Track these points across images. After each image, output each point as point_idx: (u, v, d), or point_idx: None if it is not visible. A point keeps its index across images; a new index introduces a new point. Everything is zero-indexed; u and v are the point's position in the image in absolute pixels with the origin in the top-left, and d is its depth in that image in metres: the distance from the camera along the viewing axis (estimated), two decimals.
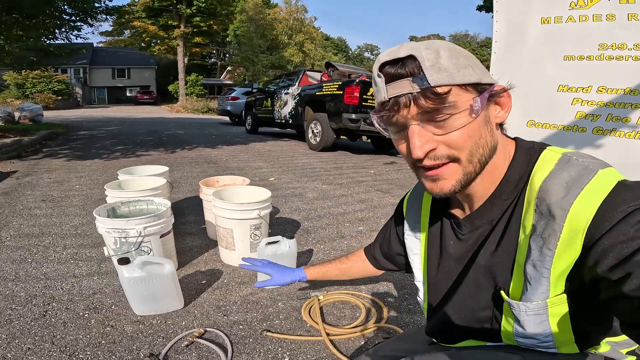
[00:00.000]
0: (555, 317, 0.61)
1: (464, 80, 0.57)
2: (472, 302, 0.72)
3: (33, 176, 4.07)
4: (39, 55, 8.76)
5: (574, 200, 0.54)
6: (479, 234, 0.69)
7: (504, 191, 0.65)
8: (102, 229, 1.68)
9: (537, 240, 0.58)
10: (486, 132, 0.60)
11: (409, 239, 0.88)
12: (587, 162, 0.58)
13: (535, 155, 0.64)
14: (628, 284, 0.46)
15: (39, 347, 1.34)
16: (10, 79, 21.51)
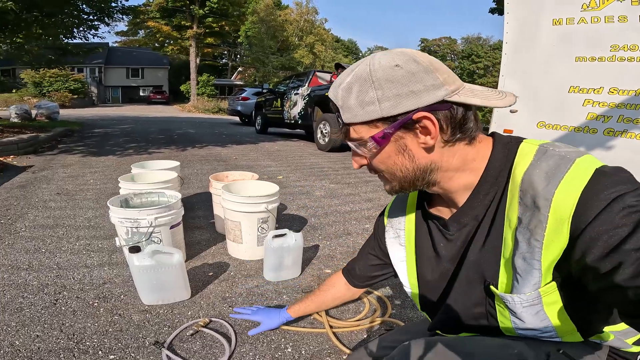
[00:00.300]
0: (550, 306, 0.62)
1: (366, 118, 0.63)
2: (465, 300, 0.73)
3: (49, 170, 4.18)
4: (57, 54, 8.96)
5: (556, 189, 0.55)
6: (467, 232, 0.70)
7: (483, 187, 0.66)
8: (115, 219, 1.73)
9: (523, 232, 0.59)
10: (401, 159, 0.66)
11: (393, 246, 0.90)
12: (564, 151, 0.59)
13: (514, 149, 0.65)
14: (620, 274, 0.47)
15: (47, 334, 1.37)
16: (28, 77, 21.97)
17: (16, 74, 26.47)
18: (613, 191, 0.51)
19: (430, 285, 0.81)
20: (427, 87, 0.59)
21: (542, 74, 3.36)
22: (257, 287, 1.82)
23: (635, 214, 0.48)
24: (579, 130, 3.13)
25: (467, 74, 36.03)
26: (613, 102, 2.93)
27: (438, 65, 0.61)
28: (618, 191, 0.51)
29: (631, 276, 0.46)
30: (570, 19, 3.12)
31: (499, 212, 0.64)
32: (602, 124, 3.01)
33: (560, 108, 3.26)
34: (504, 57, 3.65)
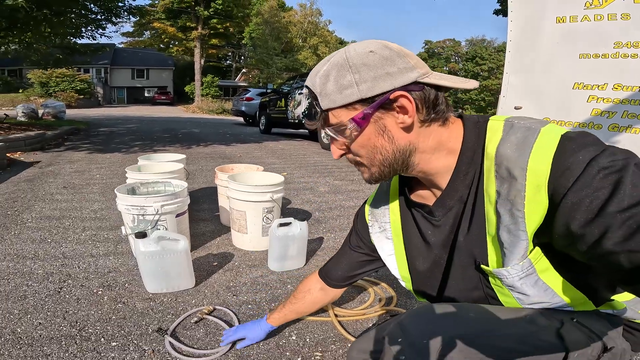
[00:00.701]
0: (544, 273, 0.63)
1: (345, 101, 0.63)
2: (463, 284, 0.73)
3: (55, 166, 4.21)
4: (65, 53, 9.03)
5: (528, 158, 0.57)
6: (454, 215, 0.71)
7: (461, 167, 0.67)
8: (122, 206, 1.75)
9: (504, 204, 0.60)
10: (382, 140, 0.66)
11: (379, 241, 0.89)
12: (529, 122, 0.62)
13: (483, 127, 0.66)
14: (610, 239, 0.46)
15: (50, 321, 1.37)
16: (35, 77, 22.13)
17: (23, 74, 26.68)
18: (585, 153, 0.52)
19: (424, 274, 0.81)
20: (400, 69, 0.62)
21: (546, 71, 3.36)
22: (262, 276, 1.83)
23: (611, 175, 0.49)
24: (583, 126, 3.13)
25: (472, 76, 35.96)
26: (617, 98, 2.93)
27: (408, 51, 0.65)
28: (590, 154, 0.52)
29: (621, 240, 0.46)
30: (573, 16, 3.12)
31: (479, 191, 0.65)
32: (606, 119, 3.01)
33: (564, 104, 3.26)
34: (508, 54, 3.66)
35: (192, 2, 27.63)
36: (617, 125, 2.93)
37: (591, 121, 3.11)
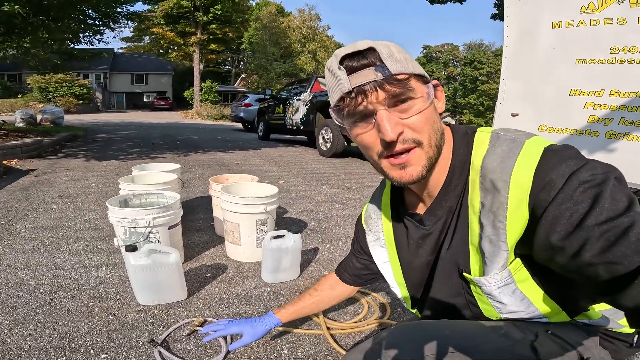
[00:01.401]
0: (523, 283, 0.63)
1: (415, 70, 0.62)
2: (446, 290, 0.74)
3: (51, 174, 4.20)
4: (63, 59, 9.06)
5: (512, 170, 0.57)
6: (442, 224, 0.72)
7: (453, 177, 0.68)
8: (113, 219, 1.73)
9: (487, 215, 0.61)
10: (437, 118, 0.65)
11: (374, 249, 0.91)
12: (514, 135, 0.63)
13: (471, 139, 0.68)
14: (588, 251, 0.47)
15: (40, 332, 1.37)
16: (34, 82, 22.17)
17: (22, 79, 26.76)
18: (566, 167, 0.53)
19: (415, 282, 0.82)
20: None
21: (543, 77, 3.36)
22: (255, 288, 1.81)
23: (591, 189, 0.50)
24: (580, 133, 3.12)
25: (470, 81, 36.05)
26: (614, 104, 2.92)
27: None
28: (571, 168, 0.52)
29: (600, 251, 0.46)
30: (569, 21, 3.12)
31: (464, 202, 0.66)
32: (603, 126, 3.00)
33: (561, 111, 3.26)
34: (505, 60, 3.66)
35: (191, 7, 27.80)
36: (614, 133, 2.92)
37: (588, 128, 3.10)
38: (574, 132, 3.13)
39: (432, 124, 0.63)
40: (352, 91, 0.61)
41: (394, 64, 0.60)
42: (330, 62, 0.65)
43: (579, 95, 3.11)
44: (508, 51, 3.65)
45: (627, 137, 2.86)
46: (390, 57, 0.60)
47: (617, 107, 2.91)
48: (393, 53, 0.61)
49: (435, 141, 0.64)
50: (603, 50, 2.96)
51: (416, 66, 0.63)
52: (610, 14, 2.92)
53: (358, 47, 0.62)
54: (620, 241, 0.45)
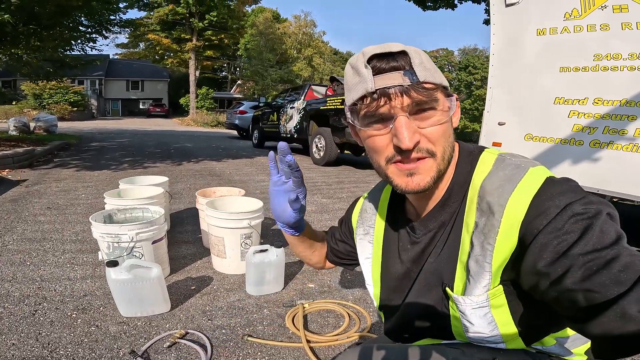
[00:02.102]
0: (497, 309, 0.64)
1: (441, 81, 0.62)
2: (424, 301, 0.75)
3: (42, 185, 4.20)
4: (55, 66, 9.03)
5: (509, 196, 0.58)
6: (430, 236, 0.72)
7: (453, 193, 0.69)
8: (97, 234, 1.75)
9: (478, 236, 0.62)
10: (452, 132, 0.66)
11: (361, 243, 0.90)
12: (519, 161, 0.63)
13: (476, 158, 0.68)
14: (570, 278, 0.49)
15: (23, 342, 1.40)
16: (28, 89, 22.11)
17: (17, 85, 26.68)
18: (562, 199, 0.54)
19: (391, 285, 0.82)
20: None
21: (529, 85, 3.37)
22: (239, 300, 1.83)
23: (582, 221, 0.51)
24: (565, 142, 3.13)
25: (465, 85, 36.32)
26: (598, 112, 2.94)
27: None
28: (567, 199, 0.54)
29: (581, 279, 0.48)
30: (553, 28, 3.14)
31: (458, 218, 0.67)
32: (588, 135, 3.01)
33: (546, 120, 3.27)
34: (492, 68, 3.68)
35: (186, 13, 27.91)
36: (598, 142, 2.94)
37: (572, 137, 3.13)
38: (559, 141, 3.14)
39: (448, 138, 0.63)
40: (375, 92, 0.60)
41: (424, 72, 0.59)
42: (355, 59, 0.64)
43: (563, 103, 3.13)
44: (495, 59, 3.67)
45: (611, 146, 2.87)
46: (420, 64, 0.60)
47: (601, 116, 2.92)
48: (423, 61, 0.61)
49: (447, 155, 0.64)
50: (587, 57, 2.97)
51: (442, 78, 0.63)
52: (594, 21, 2.93)
53: (390, 49, 0.61)
54: (602, 271, 0.47)
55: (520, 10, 3.47)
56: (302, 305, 1.76)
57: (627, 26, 2.97)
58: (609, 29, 2.86)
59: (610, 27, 2.84)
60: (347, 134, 5.86)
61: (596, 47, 2.90)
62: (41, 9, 6.12)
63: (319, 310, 1.78)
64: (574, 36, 3.10)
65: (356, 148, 6.82)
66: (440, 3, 12.04)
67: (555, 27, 3.27)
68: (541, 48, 3.27)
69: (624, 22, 2.96)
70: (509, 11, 3.57)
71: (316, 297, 1.90)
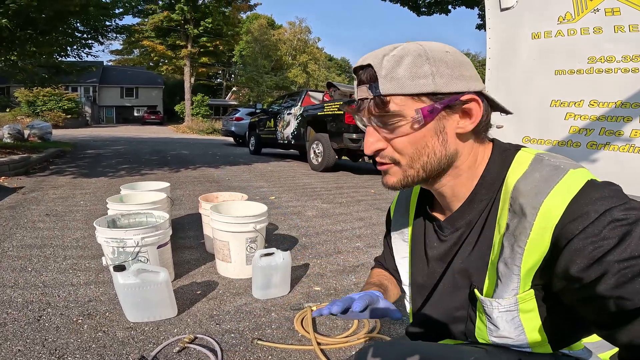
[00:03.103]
0: (525, 314, 0.63)
1: (415, 90, 0.60)
2: (449, 302, 0.73)
3: (39, 192, 4.16)
4: (50, 73, 8.97)
5: (545, 198, 0.56)
6: (458, 236, 0.71)
7: (480, 192, 0.67)
8: (101, 239, 1.74)
9: (509, 238, 0.61)
10: (435, 142, 0.63)
11: (397, 242, 0.89)
12: (559, 162, 0.61)
13: (511, 157, 0.66)
14: (603, 284, 0.48)
15: (29, 349, 1.38)
16: (22, 96, 21.94)
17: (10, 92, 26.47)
18: (602, 204, 0.52)
19: (419, 284, 0.82)
20: (472, 76, 0.63)
21: (524, 89, 3.41)
22: (245, 304, 1.82)
23: (621, 227, 0.49)
24: (562, 144, 3.17)
25: None
26: (594, 114, 2.97)
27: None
28: (606, 205, 0.52)
29: (614, 286, 0.47)
30: (547, 32, 3.18)
31: (490, 218, 0.65)
32: (584, 137, 3.04)
33: (543, 122, 3.30)
34: (488, 72, 3.71)
35: (181, 20, 27.91)
36: (595, 143, 2.98)
37: (570, 139, 3.17)
38: (556, 143, 3.18)
39: (421, 148, 0.63)
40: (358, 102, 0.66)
41: (387, 84, 0.60)
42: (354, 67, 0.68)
43: (559, 106, 3.17)
44: (491, 63, 3.70)
45: (607, 147, 2.91)
46: (386, 75, 0.60)
47: (597, 118, 2.96)
48: (395, 69, 0.60)
49: (421, 164, 0.64)
50: (581, 60, 3.01)
51: (423, 85, 0.60)
52: (587, 24, 2.97)
53: (364, 61, 0.63)
54: (637, 279, 0.46)
55: (515, 14, 3.51)
56: (310, 307, 1.75)
57: (619, 29, 3.02)
58: (602, 32, 2.91)
59: (603, 30, 2.88)
60: (345, 140, 5.88)
61: (590, 50, 2.94)
62: (38, 14, 6.09)
63: None
64: (568, 39, 3.14)
65: (354, 154, 6.82)
66: (434, 8, 12.17)
67: (550, 31, 3.31)
68: (536, 51, 3.31)
69: (617, 25, 3.02)
70: (504, 15, 3.61)
71: (323, 300, 1.89)
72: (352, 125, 5.78)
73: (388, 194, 4.87)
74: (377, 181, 5.98)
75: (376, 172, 7.28)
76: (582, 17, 3.05)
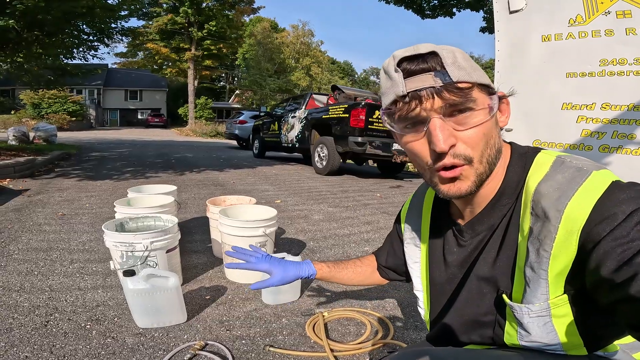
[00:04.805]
0: (559, 319, 0.61)
1: (480, 80, 0.59)
2: (473, 308, 0.71)
3: (44, 194, 4.14)
4: (56, 74, 9.01)
5: (569, 201, 0.55)
6: (479, 240, 0.69)
7: (503, 196, 0.66)
8: (110, 243, 1.71)
9: (534, 242, 0.59)
10: (496, 133, 0.62)
11: (409, 247, 0.88)
12: (582, 163, 0.59)
13: (530, 159, 0.65)
14: (634, 286, 0.46)
15: (37, 355, 1.34)
16: (27, 98, 22.06)
17: (15, 94, 26.64)
18: (628, 205, 0.50)
19: (437, 289, 0.80)
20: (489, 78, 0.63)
21: (535, 91, 3.39)
22: (256, 310, 1.79)
23: None
24: (574, 147, 3.14)
25: None
26: (606, 117, 2.94)
27: None
28: (633, 205, 0.50)
29: None
30: (558, 34, 3.16)
31: (512, 223, 0.64)
32: (596, 140, 3.02)
33: (554, 125, 3.27)
34: (497, 75, 3.69)
35: (185, 23, 28.08)
36: (607, 146, 2.94)
37: (582, 142, 3.13)
38: (568, 146, 3.15)
39: (489, 140, 0.61)
40: (406, 95, 0.59)
41: (457, 71, 0.57)
42: (387, 63, 0.63)
43: (571, 109, 3.14)
44: (500, 65, 3.68)
45: (620, 150, 2.88)
46: (453, 63, 0.57)
47: (609, 121, 2.93)
48: (457, 59, 0.58)
49: (487, 157, 0.61)
50: (592, 62, 2.99)
51: (482, 75, 0.60)
52: (598, 26, 2.95)
53: (419, 50, 0.59)
54: None
55: (525, 17, 3.49)
56: (322, 313, 1.72)
57: (631, 31, 2.99)
58: (613, 34, 2.89)
59: (615, 32, 2.86)
60: (350, 143, 5.84)
61: (602, 53, 2.92)
62: (45, 15, 6.11)
63: (339, 318, 1.73)
64: (579, 42, 3.11)
65: (358, 157, 6.79)
66: (439, 11, 12.15)
67: (560, 33, 3.29)
68: (547, 54, 3.29)
69: (628, 28, 2.99)
70: (513, 18, 3.60)
71: (334, 306, 1.85)
72: (358, 128, 5.75)
73: (394, 197, 4.84)
74: (382, 185, 5.95)
75: (381, 176, 7.25)
76: (593, 19, 3.03)
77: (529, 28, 3.45)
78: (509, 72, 3.61)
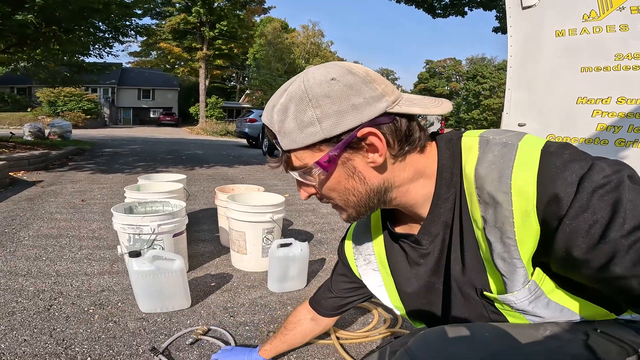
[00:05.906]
0: (553, 293, 0.59)
1: (307, 141, 0.57)
2: (467, 311, 0.69)
3: (57, 185, 4.20)
4: (73, 71, 9.14)
5: (510, 180, 0.53)
6: (440, 241, 0.67)
7: (440, 191, 0.63)
8: (118, 225, 1.71)
9: (493, 231, 0.56)
10: (353, 183, 0.60)
11: (366, 274, 0.85)
12: (505, 137, 0.58)
13: (457, 145, 0.62)
14: (618, 265, 0.44)
15: (36, 338, 1.34)
16: (43, 96, 22.46)
17: (32, 92, 27.14)
18: (571, 173, 0.48)
19: (418, 302, 0.77)
20: (367, 99, 0.55)
21: (549, 86, 3.34)
22: (261, 297, 1.77)
23: (607, 194, 0.46)
24: (589, 141, 3.07)
25: (473, 95, 36.21)
26: (622, 111, 2.89)
27: (374, 75, 0.58)
28: (577, 172, 0.48)
29: (631, 264, 0.44)
30: (572, 29, 3.11)
31: (464, 215, 0.61)
32: (612, 134, 2.95)
33: (569, 120, 3.22)
34: (510, 70, 3.64)
35: (197, 23, 28.28)
36: (623, 140, 2.87)
37: (597, 136, 3.06)
38: (583, 140, 3.09)
39: (342, 190, 0.61)
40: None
41: (284, 139, 0.58)
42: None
43: (586, 103, 3.08)
44: (513, 61, 3.63)
45: (636, 144, 2.81)
46: (279, 131, 0.58)
47: (625, 115, 2.87)
48: (284, 123, 0.57)
49: (353, 203, 0.62)
50: (608, 57, 2.94)
51: (312, 134, 0.56)
52: (613, 21, 2.91)
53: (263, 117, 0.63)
54: None
55: (537, 12, 3.44)
56: None
57: None
58: (628, 29, 2.83)
59: (630, 27, 2.81)
60: None
61: (617, 47, 2.86)
62: (62, 11, 6.20)
63: None
64: (593, 37, 3.06)
65: None
66: (450, 10, 12.03)
67: (575, 29, 3.23)
68: (561, 49, 3.23)
69: None
70: (526, 14, 3.54)
71: None
72: None
73: None
74: None
75: None
76: (607, 14, 2.96)
77: (542, 24, 3.39)
78: (522, 67, 3.55)
